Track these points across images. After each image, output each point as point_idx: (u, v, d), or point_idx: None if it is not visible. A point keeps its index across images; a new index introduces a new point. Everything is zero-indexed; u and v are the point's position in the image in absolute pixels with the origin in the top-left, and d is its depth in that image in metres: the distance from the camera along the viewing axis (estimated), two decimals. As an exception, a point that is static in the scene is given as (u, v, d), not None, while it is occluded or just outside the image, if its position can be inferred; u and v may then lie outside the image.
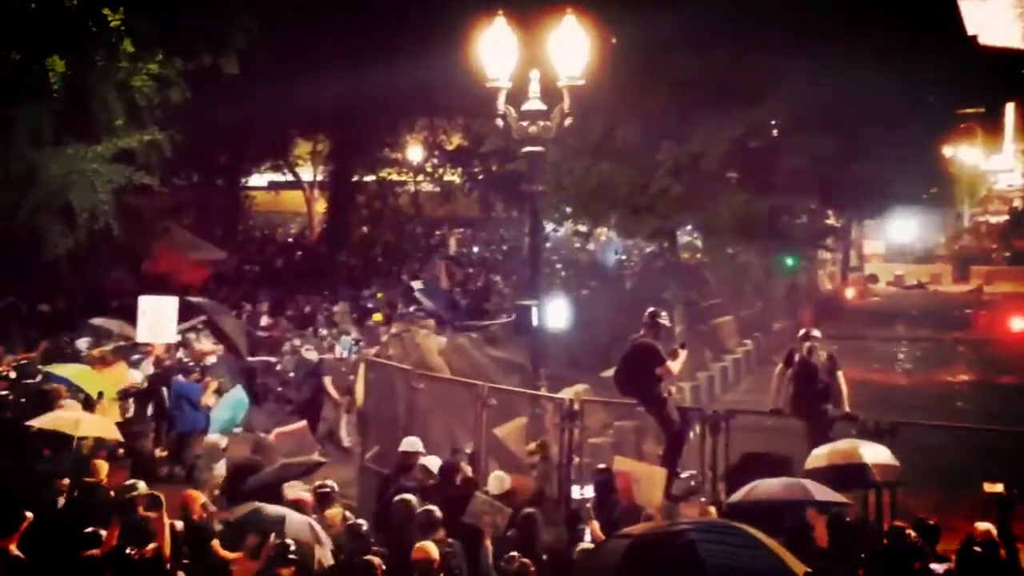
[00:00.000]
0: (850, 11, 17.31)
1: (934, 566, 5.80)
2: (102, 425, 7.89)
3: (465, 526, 6.20)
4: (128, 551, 5.33)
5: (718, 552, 3.40)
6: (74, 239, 13.43)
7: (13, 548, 5.48)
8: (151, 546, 5.42)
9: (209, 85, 14.44)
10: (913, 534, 5.93)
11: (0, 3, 12.58)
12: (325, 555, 5.58)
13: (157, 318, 11.06)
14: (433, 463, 7.73)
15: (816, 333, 8.12)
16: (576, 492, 7.27)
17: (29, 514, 5.64)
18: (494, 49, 8.33)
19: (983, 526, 6.18)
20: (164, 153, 13.95)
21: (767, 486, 6.36)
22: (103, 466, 7.27)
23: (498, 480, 7.35)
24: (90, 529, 5.63)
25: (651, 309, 8.28)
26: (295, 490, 6.93)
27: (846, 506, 6.44)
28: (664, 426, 8.06)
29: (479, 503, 6.25)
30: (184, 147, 14.81)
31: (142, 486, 6.32)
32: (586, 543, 6.24)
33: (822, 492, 6.21)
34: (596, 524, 6.68)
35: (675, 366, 7.92)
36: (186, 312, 12.81)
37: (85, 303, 15.48)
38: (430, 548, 5.53)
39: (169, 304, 11.25)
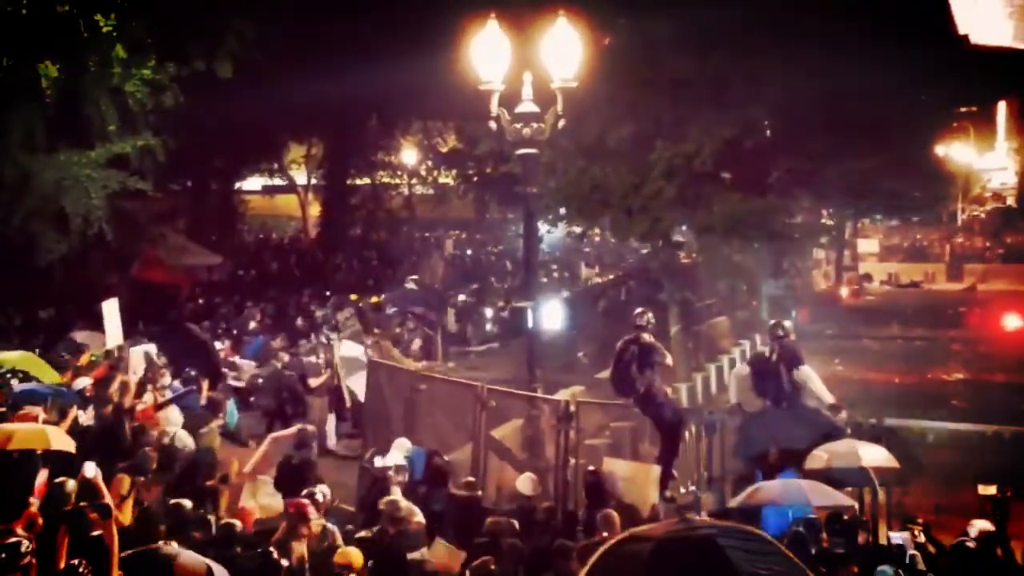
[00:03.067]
0: (842, 11, 17.36)
1: (893, 535, 5.86)
2: (65, 439, 7.48)
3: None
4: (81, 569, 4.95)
5: (744, 558, 3.39)
6: (68, 245, 13.39)
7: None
8: None
9: (202, 89, 14.41)
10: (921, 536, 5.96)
11: (-8, 9, 12.54)
12: None
13: (113, 320, 10.93)
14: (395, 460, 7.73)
15: (781, 332, 8.07)
16: (379, 460, 7.33)
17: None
18: (487, 51, 8.34)
19: (981, 524, 6.20)
20: (158, 158, 13.91)
21: (768, 489, 6.42)
22: (125, 480, 7.13)
23: (528, 482, 7.32)
24: (12, 540, 5.12)
25: (639, 309, 8.32)
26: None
27: (844, 508, 6.46)
28: (661, 426, 8.08)
29: (439, 550, 6.18)
30: (178, 151, 14.77)
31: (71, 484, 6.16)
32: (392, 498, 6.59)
33: (820, 495, 6.23)
34: (398, 489, 6.98)
35: (669, 358, 8.04)
36: (185, 340, 12.69)
37: (78, 309, 15.40)
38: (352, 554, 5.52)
39: (115, 303, 11.13)
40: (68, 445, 7.35)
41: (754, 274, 23.45)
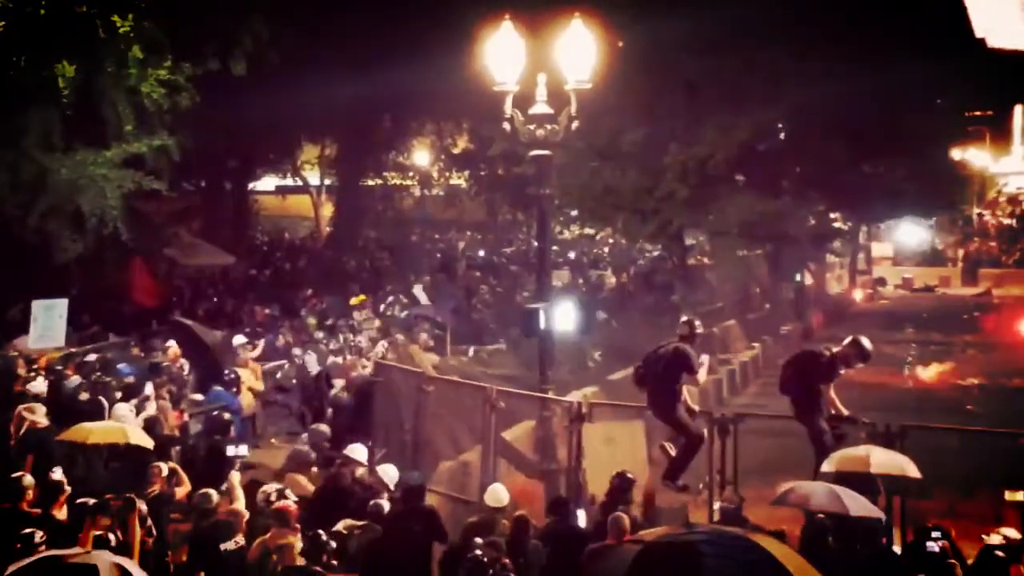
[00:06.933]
0: (859, 15, 17.29)
1: (929, 544, 5.78)
2: (142, 435, 7.83)
3: None
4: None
5: (723, 567, 3.42)
6: (83, 244, 13.49)
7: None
8: None
9: (217, 89, 14.49)
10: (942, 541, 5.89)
11: (11, 9, 12.66)
12: None
13: (48, 322, 10.54)
14: (391, 474, 7.70)
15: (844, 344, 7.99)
16: (231, 450, 7.65)
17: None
18: (501, 53, 8.34)
19: (1009, 532, 6.12)
20: (173, 158, 14.00)
21: (805, 490, 6.34)
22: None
23: (493, 494, 7.23)
24: (28, 530, 5.28)
25: (686, 318, 8.27)
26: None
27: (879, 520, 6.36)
28: (678, 430, 8.01)
29: None
30: (192, 151, 14.85)
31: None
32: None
33: (858, 506, 6.12)
34: (236, 475, 7.23)
35: (701, 375, 7.94)
36: (175, 332, 12.66)
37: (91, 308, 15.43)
38: None
39: (59, 305, 10.74)
40: (146, 441, 7.65)
41: (767, 277, 23.41)
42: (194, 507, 6.58)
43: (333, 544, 5.87)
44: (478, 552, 5.73)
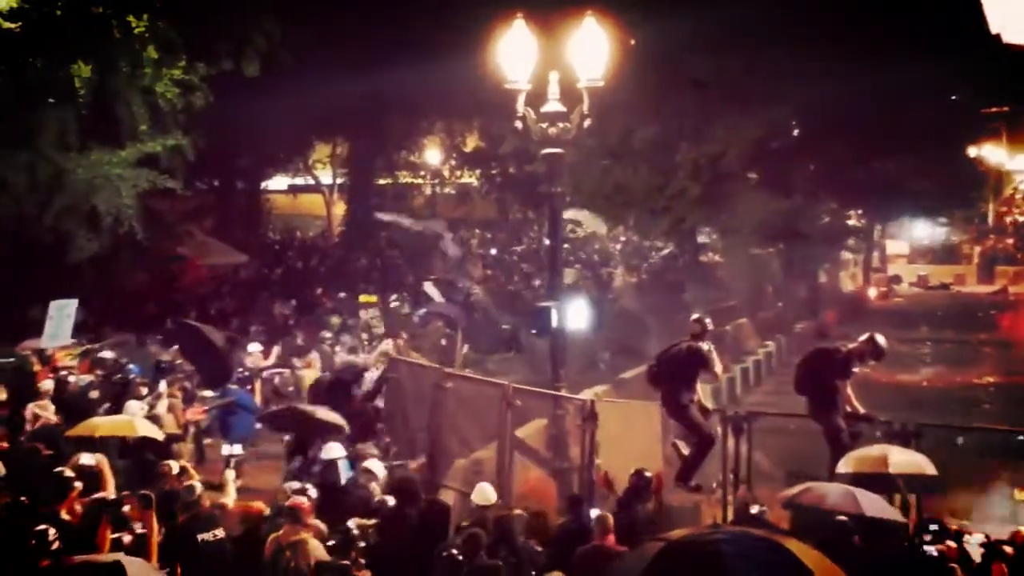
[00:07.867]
0: (873, 12, 17.18)
1: (927, 548, 5.74)
2: (152, 428, 8.01)
3: None
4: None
5: (744, 567, 3.41)
6: (98, 243, 13.60)
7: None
8: None
9: (230, 88, 14.56)
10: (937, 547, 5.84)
11: (27, 10, 12.76)
12: None
13: (59, 321, 10.70)
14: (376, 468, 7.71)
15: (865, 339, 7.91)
16: (226, 449, 7.97)
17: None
18: (513, 51, 8.34)
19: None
20: (187, 157, 14.08)
21: (821, 491, 6.30)
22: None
23: (481, 492, 7.19)
24: (41, 527, 5.25)
25: (696, 315, 8.27)
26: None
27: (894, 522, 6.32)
28: (690, 429, 8.00)
29: None
30: (205, 150, 14.93)
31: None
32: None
33: (873, 507, 6.07)
34: (231, 472, 7.53)
35: (718, 368, 7.90)
36: (180, 333, 12.72)
37: (103, 307, 15.53)
38: None
39: (70, 305, 10.90)
40: (155, 433, 7.94)
41: (780, 274, 23.31)
42: (179, 499, 6.59)
43: (362, 543, 5.85)
44: (454, 551, 5.69)
